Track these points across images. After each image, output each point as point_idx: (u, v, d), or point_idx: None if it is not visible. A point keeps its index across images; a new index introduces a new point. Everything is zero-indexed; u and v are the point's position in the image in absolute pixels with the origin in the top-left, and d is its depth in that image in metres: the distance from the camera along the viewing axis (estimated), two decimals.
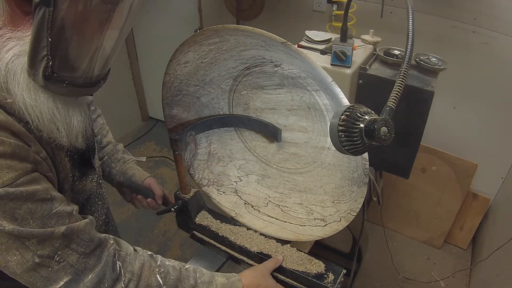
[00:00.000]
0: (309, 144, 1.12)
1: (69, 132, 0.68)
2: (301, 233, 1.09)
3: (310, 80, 0.99)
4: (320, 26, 1.67)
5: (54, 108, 0.64)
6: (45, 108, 0.63)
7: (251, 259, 1.06)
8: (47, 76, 0.60)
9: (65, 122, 0.67)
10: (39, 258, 0.63)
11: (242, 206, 1.21)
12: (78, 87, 0.66)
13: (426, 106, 1.16)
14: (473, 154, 2.18)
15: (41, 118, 0.63)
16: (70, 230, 0.66)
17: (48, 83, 0.61)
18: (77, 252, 0.67)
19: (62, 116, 0.66)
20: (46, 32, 0.57)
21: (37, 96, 0.62)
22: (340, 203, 1.04)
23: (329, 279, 0.95)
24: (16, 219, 0.60)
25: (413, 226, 2.47)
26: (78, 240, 0.67)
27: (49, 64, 0.59)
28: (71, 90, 0.65)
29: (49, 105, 0.63)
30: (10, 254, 0.61)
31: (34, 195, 0.62)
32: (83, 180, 0.85)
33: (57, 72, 0.61)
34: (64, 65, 0.62)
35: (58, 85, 0.62)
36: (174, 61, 0.98)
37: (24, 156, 0.62)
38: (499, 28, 1.87)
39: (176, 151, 1.07)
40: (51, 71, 0.60)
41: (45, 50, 0.58)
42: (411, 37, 0.74)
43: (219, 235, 1.11)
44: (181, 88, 1.07)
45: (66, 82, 0.63)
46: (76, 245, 0.67)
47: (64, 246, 0.65)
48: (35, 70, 0.60)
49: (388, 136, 0.63)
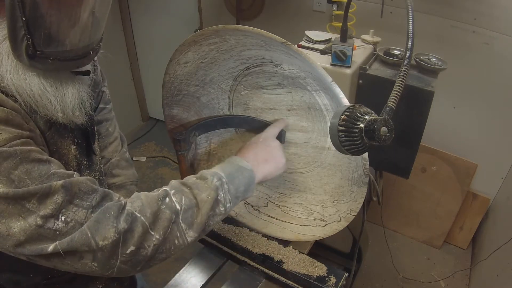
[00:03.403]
0: (309, 144, 1.12)
1: (63, 106, 0.68)
2: (301, 233, 1.09)
3: (310, 80, 0.99)
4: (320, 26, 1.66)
5: (44, 84, 0.64)
6: (35, 85, 0.63)
7: (253, 261, 1.06)
8: (30, 55, 0.60)
9: (58, 95, 0.66)
10: (42, 220, 0.57)
11: (242, 206, 1.21)
12: (65, 61, 0.65)
13: (426, 106, 1.16)
14: (473, 154, 2.18)
15: (32, 95, 0.63)
16: (69, 183, 0.60)
17: (34, 62, 0.62)
18: (83, 207, 0.61)
19: (53, 90, 0.66)
20: (19, 11, 0.57)
21: (26, 76, 0.62)
22: (340, 203, 1.04)
23: (331, 282, 0.95)
24: (13, 181, 0.56)
25: (413, 226, 2.47)
26: (81, 194, 0.61)
27: (29, 43, 0.59)
28: (59, 65, 0.65)
29: (39, 81, 0.64)
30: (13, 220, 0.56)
31: (29, 155, 0.59)
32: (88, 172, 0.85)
33: (40, 50, 0.61)
34: (45, 41, 0.61)
35: (44, 62, 0.62)
36: (174, 61, 0.98)
37: (18, 123, 0.61)
38: (499, 28, 1.87)
39: (179, 151, 1.06)
40: (34, 49, 0.60)
41: (23, 29, 0.58)
42: (411, 37, 0.74)
43: (222, 236, 1.11)
44: (181, 88, 1.07)
45: (51, 58, 0.62)
46: (80, 200, 0.61)
47: (68, 202, 0.60)
48: (18, 51, 0.60)
49: (388, 136, 0.63)
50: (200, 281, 1.04)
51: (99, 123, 1.08)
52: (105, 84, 1.08)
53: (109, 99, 1.11)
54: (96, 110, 1.06)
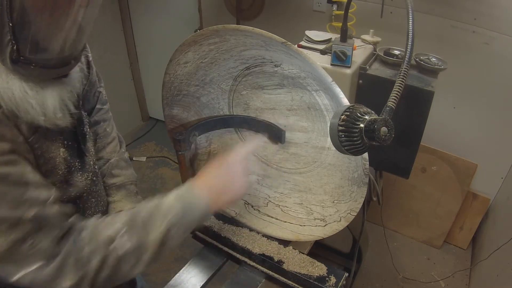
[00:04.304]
0: (309, 144, 1.12)
1: (44, 109, 0.69)
2: (301, 233, 1.09)
3: (310, 80, 0.99)
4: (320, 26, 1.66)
5: (25, 86, 0.66)
6: (16, 88, 0.65)
7: (253, 261, 1.06)
8: (14, 60, 0.62)
9: (38, 99, 0.68)
10: (10, 243, 0.62)
11: (242, 206, 1.21)
12: (47, 68, 0.67)
13: (426, 106, 1.16)
14: (473, 154, 2.18)
15: (13, 98, 0.65)
16: (40, 215, 0.65)
17: (17, 67, 0.63)
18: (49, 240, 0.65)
19: (34, 93, 0.67)
20: (7, 17, 0.59)
21: (8, 79, 0.64)
22: (340, 203, 1.04)
23: (331, 282, 0.95)
24: None
25: (413, 226, 2.47)
26: (49, 226, 0.66)
27: (14, 48, 0.61)
28: (40, 72, 0.66)
29: (20, 84, 0.65)
30: None
31: (7, 177, 0.62)
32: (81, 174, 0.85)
33: (24, 55, 0.63)
34: (29, 48, 0.63)
35: (27, 68, 0.64)
36: (174, 61, 0.98)
37: (1, 134, 0.63)
38: (499, 28, 1.87)
39: (179, 151, 1.06)
40: (18, 54, 0.62)
41: (9, 34, 0.60)
42: (411, 37, 0.74)
43: (222, 236, 1.11)
44: (181, 88, 1.07)
45: (33, 64, 0.64)
46: (46, 233, 0.65)
47: (36, 231, 0.64)
48: (3, 55, 0.62)
49: (388, 136, 0.63)
50: (200, 281, 1.04)
51: (97, 124, 1.07)
52: (102, 84, 1.08)
53: (106, 100, 1.11)
54: (93, 111, 1.06)
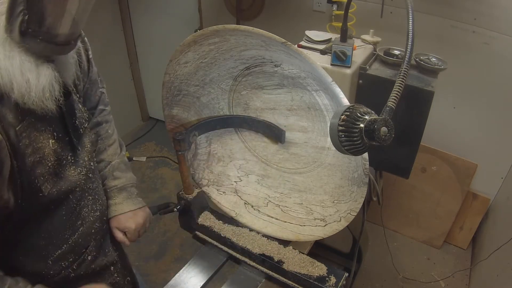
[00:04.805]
0: (309, 144, 1.12)
1: (36, 85, 0.70)
2: (301, 233, 1.09)
3: (310, 80, 0.99)
4: (320, 26, 1.66)
5: (24, 60, 0.68)
6: (16, 60, 0.67)
7: (253, 261, 1.06)
8: (22, 32, 0.65)
9: (33, 74, 0.69)
10: None
11: (242, 206, 1.21)
12: (51, 44, 0.69)
13: (426, 106, 1.16)
14: (473, 154, 2.18)
15: (12, 71, 0.66)
16: None
17: (24, 38, 0.66)
18: None
19: (31, 67, 0.69)
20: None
21: (11, 49, 0.66)
22: (340, 203, 1.04)
23: (331, 282, 0.95)
24: None
25: (413, 226, 2.47)
26: None
27: (25, 19, 0.64)
28: (44, 47, 0.68)
29: (20, 57, 0.67)
30: None
31: None
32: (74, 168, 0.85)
33: (32, 27, 0.65)
34: (38, 20, 0.65)
35: (33, 41, 0.67)
36: (174, 61, 0.98)
37: None
38: (499, 28, 1.87)
39: (179, 151, 1.06)
40: (27, 26, 0.64)
41: (22, 5, 0.63)
42: (411, 37, 0.74)
43: (222, 236, 1.11)
44: (181, 88, 1.07)
45: (40, 38, 0.67)
46: None
47: None
48: (12, 25, 0.64)
49: (388, 136, 0.63)
50: (200, 281, 1.04)
51: (99, 125, 1.08)
52: (103, 85, 1.09)
53: (108, 101, 1.11)
54: (96, 111, 1.07)
